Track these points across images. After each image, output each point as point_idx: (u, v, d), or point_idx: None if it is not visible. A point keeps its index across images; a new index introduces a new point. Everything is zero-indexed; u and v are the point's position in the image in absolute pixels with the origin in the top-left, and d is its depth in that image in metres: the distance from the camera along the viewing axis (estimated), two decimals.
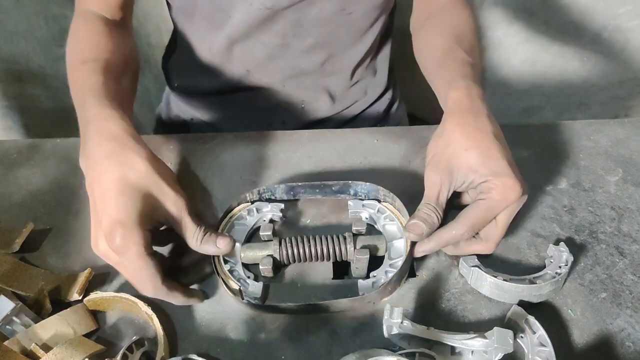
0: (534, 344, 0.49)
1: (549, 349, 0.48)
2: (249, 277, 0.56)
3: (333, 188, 0.62)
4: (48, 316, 0.50)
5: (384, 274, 0.55)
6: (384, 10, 0.81)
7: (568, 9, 1.34)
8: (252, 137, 0.74)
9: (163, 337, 0.49)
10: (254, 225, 0.61)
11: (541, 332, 0.49)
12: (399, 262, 0.56)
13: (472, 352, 0.49)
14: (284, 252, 0.56)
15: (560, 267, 0.54)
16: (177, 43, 0.89)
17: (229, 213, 0.61)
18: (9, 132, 1.62)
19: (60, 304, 0.54)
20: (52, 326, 0.49)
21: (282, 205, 0.62)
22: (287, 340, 0.52)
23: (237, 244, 0.56)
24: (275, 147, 0.72)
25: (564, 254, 0.55)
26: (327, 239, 0.57)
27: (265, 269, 0.55)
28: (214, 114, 0.91)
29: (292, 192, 0.63)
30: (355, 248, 0.56)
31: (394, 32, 0.91)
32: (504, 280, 0.53)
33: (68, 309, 0.51)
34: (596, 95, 1.57)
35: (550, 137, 0.72)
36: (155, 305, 0.54)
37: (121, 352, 0.47)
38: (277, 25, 0.76)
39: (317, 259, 0.57)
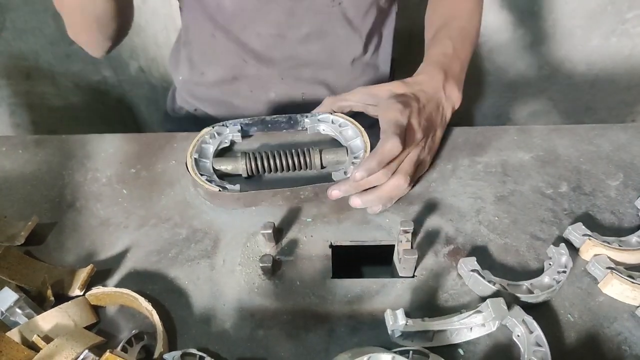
0: (530, 344, 0.49)
1: (545, 349, 0.48)
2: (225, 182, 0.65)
3: (282, 124, 0.72)
4: (50, 309, 0.51)
5: (350, 164, 0.65)
6: (375, 4, 0.82)
7: (575, 13, 1.34)
8: (257, 136, 0.74)
9: (162, 332, 0.50)
10: (218, 146, 0.70)
11: (538, 332, 0.49)
12: (360, 153, 0.66)
13: (471, 328, 0.50)
14: (251, 165, 0.65)
15: (558, 272, 0.55)
16: (183, 35, 0.91)
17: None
18: (17, 129, 1.63)
19: (62, 298, 0.55)
20: (54, 318, 0.50)
21: (239, 127, 0.71)
22: (285, 337, 0.52)
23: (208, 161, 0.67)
24: (278, 147, 0.72)
25: (563, 257, 0.55)
26: (292, 152, 0.66)
27: (265, 267, 0.56)
28: (215, 105, 0.93)
29: (245, 129, 0.72)
30: (321, 161, 0.66)
31: (399, 32, 0.91)
32: (501, 286, 0.53)
33: (69, 302, 0.52)
34: (603, 100, 1.56)
35: (551, 140, 0.72)
36: (155, 301, 0.55)
37: (121, 344, 0.48)
38: (271, 15, 0.78)
39: (282, 170, 0.66)
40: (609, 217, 0.62)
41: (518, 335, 0.50)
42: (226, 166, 0.67)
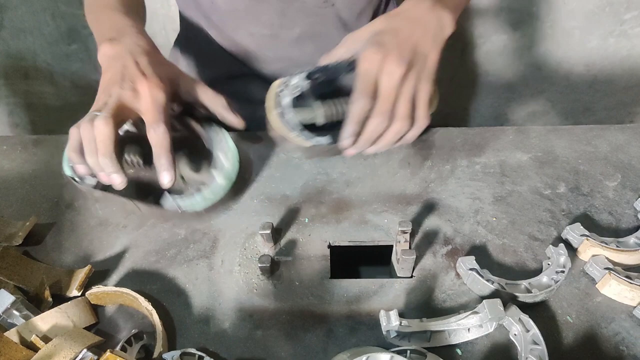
0: (527, 342, 0.49)
1: (542, 347, 0.48)
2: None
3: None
4: (49, 309, 0.51)
5: None
6: (370, 4, 0.82)
7: (574, 14, 1.34)
8: (254, 137, 0.74)
9: (162, 332, 0.50)
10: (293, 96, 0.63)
11: (534, 330, 0.49)
12: None
13: (469, 329, 0.50)
14: (331, 111, 0.61)
15: (557, 272, 0.55)
16: (182, 34, 0.92)
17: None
18: (16, 129, 1.63)
19: (60, 298, 0.55)
20: (52, 319, 0.50)
21: (304, 74, 0.64)
22: (283, 338, 0.52)
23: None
24: (276, 148, 0.73)
25: (562, 257, 0.56)
26: None
27: (264, 267, 0.56)
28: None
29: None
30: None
31: None
32: (499, 285, 0.53)
33: (69, 302, 0.51)
34: (601, 101, 1.56)
35: (550, 141, 0.72)
36: (155, 300, 0.55)
37: (120, 344, 0.48)
38: (263, 15, 0.78)
39: None
40: (606, 217, 0.62)
41: (515, 334, 0.51)
42: (304, 116, 0.62)
